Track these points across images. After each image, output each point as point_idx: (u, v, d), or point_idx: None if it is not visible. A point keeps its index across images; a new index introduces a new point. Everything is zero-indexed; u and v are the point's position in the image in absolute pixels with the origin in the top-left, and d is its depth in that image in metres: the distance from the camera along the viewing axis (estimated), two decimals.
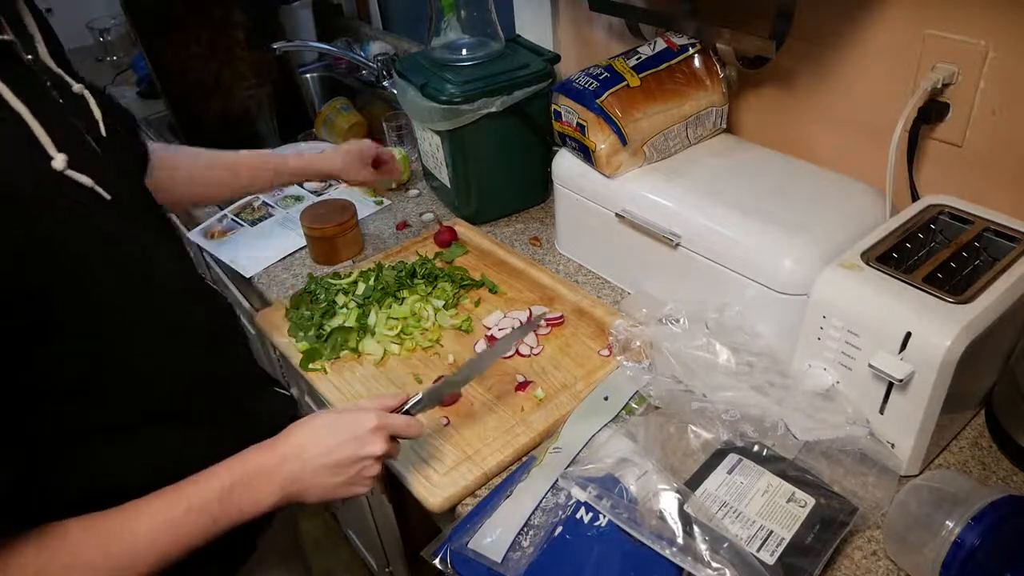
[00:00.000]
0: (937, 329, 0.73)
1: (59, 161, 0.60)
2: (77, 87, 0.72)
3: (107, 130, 0.73)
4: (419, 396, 0.80)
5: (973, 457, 0.85)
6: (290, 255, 1.32)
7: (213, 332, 0.81)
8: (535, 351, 1.03)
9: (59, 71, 0.71)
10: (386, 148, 1.25)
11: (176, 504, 0.66)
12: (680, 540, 0.71)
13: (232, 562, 0.82)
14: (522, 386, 0.97)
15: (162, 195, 0.94)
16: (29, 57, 0.66)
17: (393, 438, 0.77)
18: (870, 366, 0.77)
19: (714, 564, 0.68)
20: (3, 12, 0.65)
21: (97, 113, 0.73)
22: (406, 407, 0.80)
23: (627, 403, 0.91)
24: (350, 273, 1.19)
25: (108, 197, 0.65)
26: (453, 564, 0.75)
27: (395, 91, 1.53)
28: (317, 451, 0.72)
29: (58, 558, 0.59)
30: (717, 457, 0.81)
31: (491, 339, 1.05)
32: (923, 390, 0.75)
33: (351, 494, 0.75)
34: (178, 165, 1.03)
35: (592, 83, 1.06)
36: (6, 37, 0.63)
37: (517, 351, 1.03)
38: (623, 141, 1.04)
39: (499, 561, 0.74)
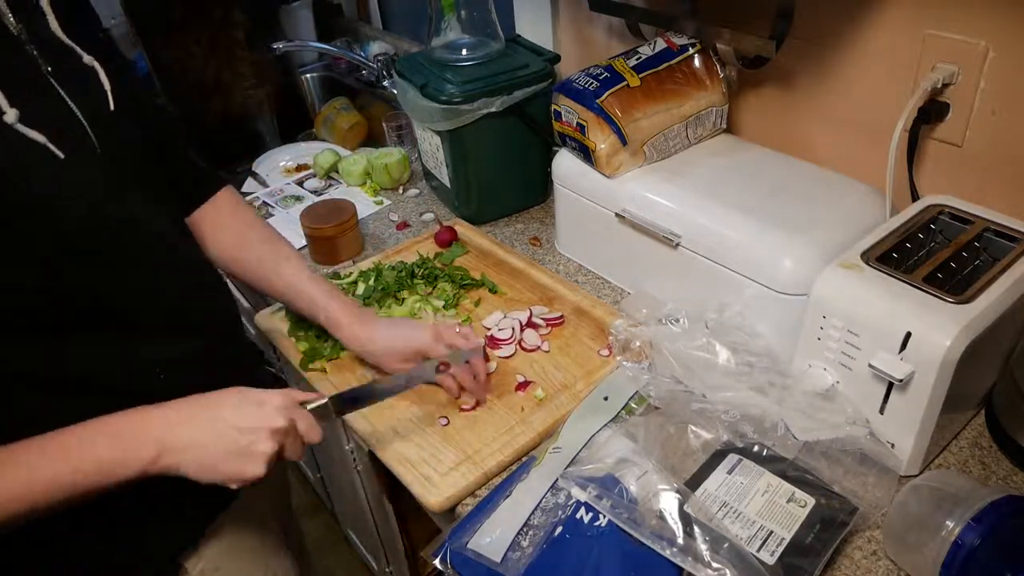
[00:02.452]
0: (937, 329, 0.73)
1: (10, 115, 0.63)
2: (88, 59, 0.74)
3: (116, 103, 0.75)
4: (324, 401, 0.78)
5: (973, 457, 0.85)
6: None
7: (192, 305, 0.81)
8: (543, 348, 1.03)
9: (69, 43, 0.73)
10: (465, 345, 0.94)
11: (40, 449, 0.63)
12: (680, 540, 0.71)
13: (208, 510, 0.83)
14: (522, 386, 0.97)
15: (205, 241, 0.94)
16: (19, 26, 0.68)
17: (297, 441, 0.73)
18: (870, 366, 0.76)
19: (714, 564, 0.68)
20: None
21: (107, 85, 0.75)
22: (311, 406, 0.77)
23: (627, 403, 0.91)
24: (350, 273, 1.19)
25: (61, 155, 0.66)
26: (453, 564, 0.75)
27: (395, 91, 1.53)
28: (209, 412, 0.68)
29: None
30: (717, 457, 0.81)
31: (491, 340, 1.05)
32: (923, 390, 0.75)
33: (239, 471, 0.67)
34: (244, 240, 0.96)
35: (592, 83, 1.06)
36: None
37: (521, 346, 1.03)
38: (623, 141, 1.04)
39: (498, 561, 0.74)
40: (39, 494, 0.62)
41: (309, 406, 0.77)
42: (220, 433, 0.67)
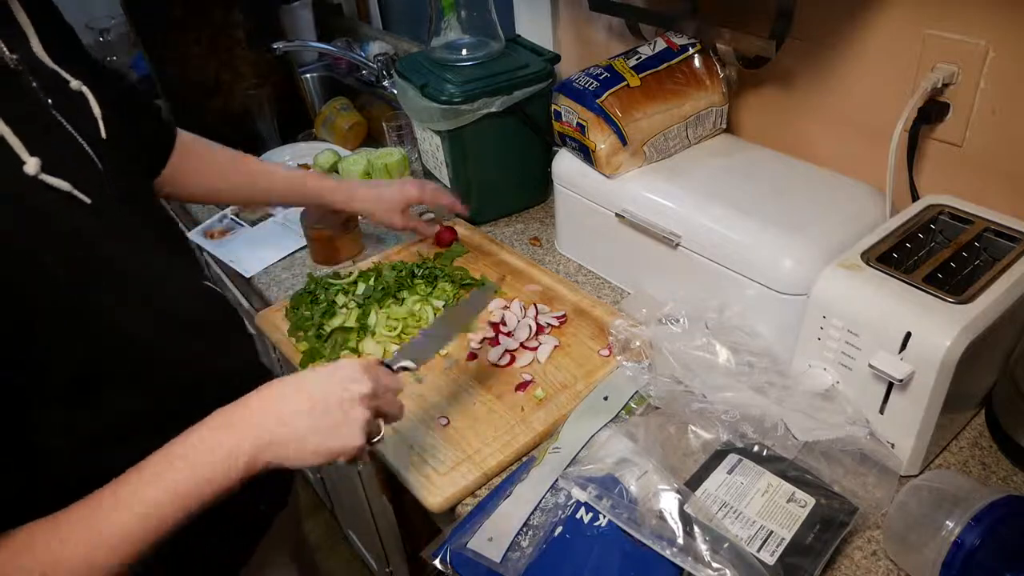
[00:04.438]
0: (937, 329, 0.73)
1: (31, 166, 0.59)
2: (75, 84, 0.70)
3: (108, 129, 0.71)
4: (400, 352, 0.77)
5: (973, 457, 0.85)
6: (290, 255, 1.32)
7: (213, 329, 0.80)
8: (553, 344, 1.04)
9: (55, 67, 0.69)
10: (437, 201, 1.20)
11: (135, 479, 0.59)
12: (680, 540, 0.71)
13: (229, 566, 0.81)
14: (522, 386, 0.97)
15: (181, 184, 0.99)
16: (15, 57, 0.64)
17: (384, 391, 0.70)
18: (870, 366, 0.76)
19: (714, 564, 0.68)
20: None
21: (97, 111, 0.71)
22: (390, 362, 0.75)
23: (627, 403, 0.91)
24: (350, 273, 1.19)
25: (88, 201, 0.63)
26: (453, 564, 0.75)
27: (395, 91, 1.53)
28: (291, 394, 0.64)
29: (22, 561, 0.55)
30: (717, 457, 0.81)
31: (496, 327, 1.06)
32: (923, 390, 0.75)
33: (340, 446, 0.64)
34: (210, 158, 1.04)
35: (592, 83, 1.06)
36: None
37: (523, 344, 1.03)
38: (623, 141, 1.04)
39: (498, 561, 0.74)
40: (156, 527, 0.58)
41: (387, 362, 0.74)
42: (316, 414, 0.63)
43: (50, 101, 0.66)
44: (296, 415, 0.63)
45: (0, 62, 0.63)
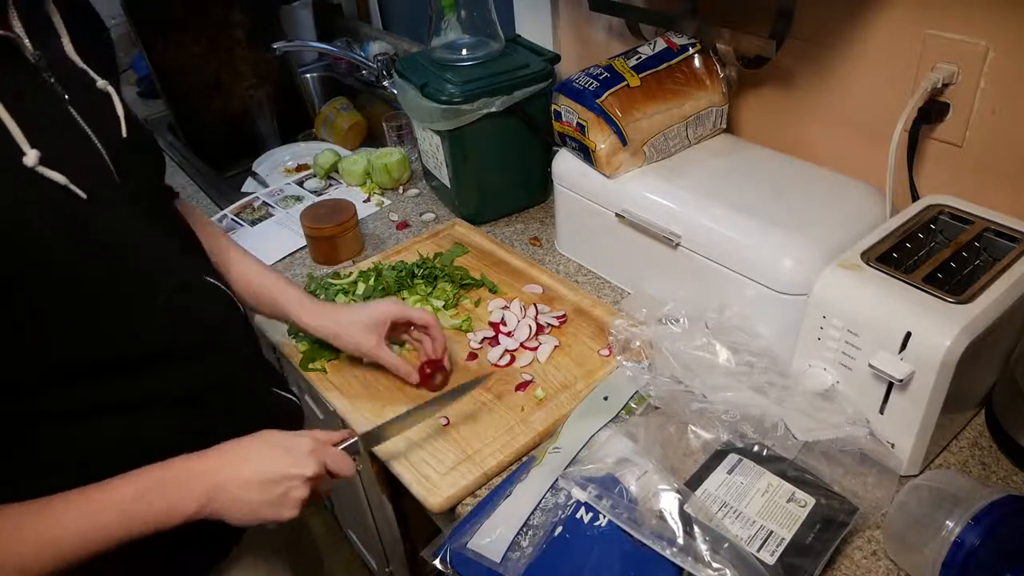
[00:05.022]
0: (937, 329, 0.73)
1: (30, 157, 0.60)
2: (101, 83, 0.73)
3: (129, 129, 0.74)
4: (355, 440, 0.80)
5: (973, 457, 0.85)
6: (290, 255, 1.32)
7: (216, 325, 0.81)
8: (553, 344, 1.03)
9: (83, 67, 0.71)
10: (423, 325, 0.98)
11: (95, 497, 0.65)
12: (680, 540, 0.71)
13: (213, 553, 0.82)
14: (522, 386, 0.97)
15: None
16: (37, 53, 0.66)
17: (329, 474, 0.75)
18: (870, 366, 0.76)
19: (714, 564, 0.68)
20: (29, 8, 0.66)
21: (120, 111, 0.74)
22: (342, 445, 0.79)
23: (627, 403, 0.91)
24: (350, 273, 1.19)
25: (83, 195, 0.64)
26: (453, 564, 0.75)
27: (395, 91, 1.53)
28: (247, 464, 0.70)
29: None
30: (717, 457, 0.81)
31: (496, 327, 1.06)
32: (923, 390, 0.75)
33: (275, 516, 0.71)
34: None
35: (592, 83, 1.06)
36: (4, 33, 0.63)
37: (523, 344, 1.04)
38: (623, 141, 1.04)
39: (498, 561, 0.74)
40: (92, 543, 0.64)
41: (340, 446, 0.79)
42: (261, 489, 0.70)
43: (67, 97, 0.68)
44: (247, 484, 0.69)
45: (20, 56, 0.65)
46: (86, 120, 0.68)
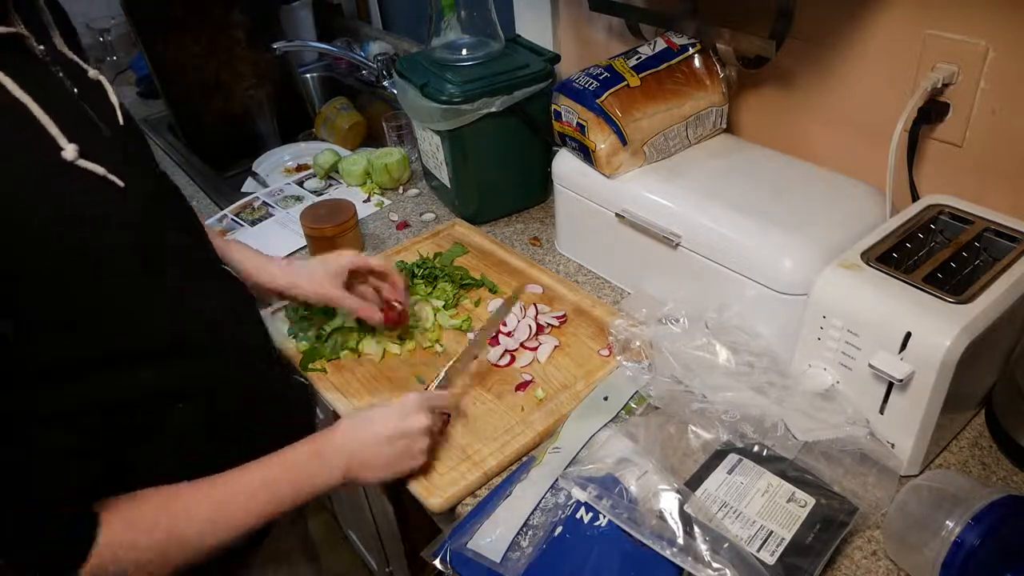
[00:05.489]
0: (937, 329, 0.73)
1: (70, 151, 0.61)
2: (93, 73, 0.73)
3: (124, 118, 0.75)
4: (443, 375, 0.92)
5: (973, 457, 0.85)
6: (290, 255, 1.33)
7: (232, 315, 0.82)
8: (553, 344, 1.03)
9: (74, 58, 0.72)
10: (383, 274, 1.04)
11: (264, 469, 0.74)
12: (680, 540, 0.71)
13: (235, 562, 0.82)
14: (522, 386, 0.97)
15: None
16: (41, 48, 0.66)
17: (437, 416, 0.86)
18: (870, 366, 0.76)
19: (714, 564, 0.68)
20: (19, 4, 0.66)
21: (115, 99, 0.74)
22: (434, 383, 0.91)
23: (627, 403, 0.91)
24: None
25: (121, 184, 0.65)
26: (453, 564, 0.75)
27: (395, 91, 1.53)
28: (369, 429, 0.80)
29: (144, 538, 0.65)
30: (717, 457, 0.81)
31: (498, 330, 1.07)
32: (923, 390, 0.75)
33: (407, 467, 0.82)
34: None
35: (592, 83, 1.06)
36: (13, 29, 0.63)
37: (523, 344, 1.04)
38: (623, 141, 1.04)
39: (498, 561, 0.74)
40: (253, 518, 0.72)
41: (433, 385, 0.90)
42: (388, 444, 0.80)
43: (76, 91, 0.68)
44: (376, 445, 0.80)
45: (30, 53, 0.65)
46: (94, 111, 0.69)
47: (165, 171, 0.91)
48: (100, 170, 0.63)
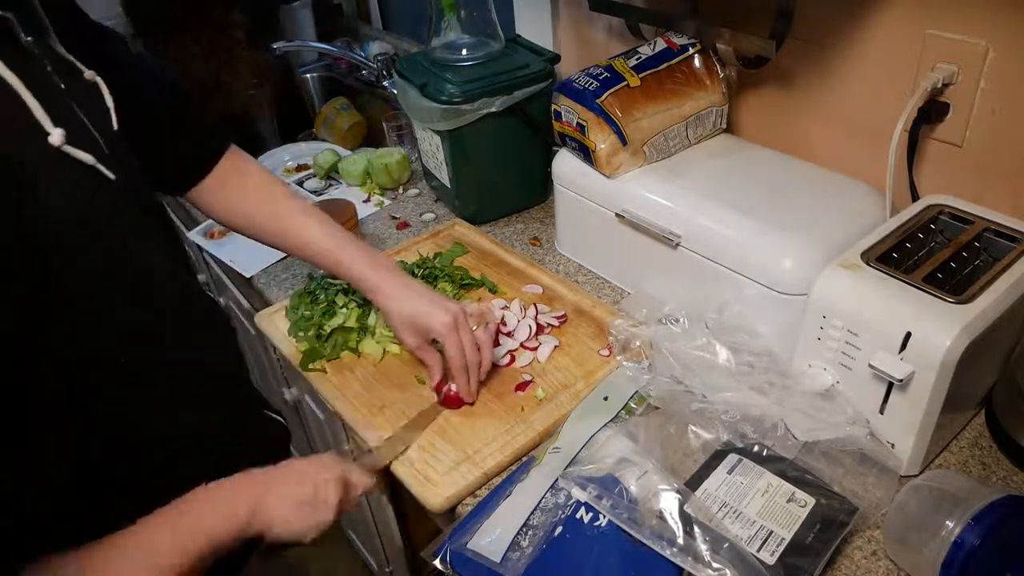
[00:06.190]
0: (937, 329, 0.73)
1: (56, 136, 0.59)
2: (89, 74, 0.71)
3: (119, 122, 0.72)
4: (368, 452, 0.86)
5: (973, 457, 0.85)
6: (290, 255, 1.32)
7: (205, 349, 0.79)
8: (553, 344, 1.03)
9: (69, 57, 0.70)
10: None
11: (155, 528, 0.65)
12: (680, 540, 0.71)
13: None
14: (522, 386, 0.97)
15: (207, 205, 0.93)
16: (29, 39, 0.64)
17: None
18: (870, 366, 0.76)
19: (714, 564, 0.68)
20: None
21: (110, 103, 0.72)
22: (358, 460, 0.84)
23: (627, 403, 0.91)
24: None
25: (112, 177, 0.63)
26: (453, 564, 0.75)
27: (395, 91, 1.53)
28: (280, 477, 0.74)
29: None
30: (717, 457, 0.81)
31: (496, 327, 1.06)
32: (923, 390, 0.75)
33: (314, 521, 0.74)
34: (244, 195, 0.94)
35: (592, 83, 1.06)
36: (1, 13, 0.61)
37: (523, 344, 1.03)
38: (623, 141, 1.04)
39: (498, 561, 0.74)
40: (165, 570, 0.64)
41: (357, 460, 0.83)
42: (297, 491, 0.73)
43: (63, 87, 0.66)
44: (286, 491, 0.73)
45: (16, 42, 0.63)
46: (83, 111, 0.67)
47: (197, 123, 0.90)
48: (89, 158, 0.61)
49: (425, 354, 0.93)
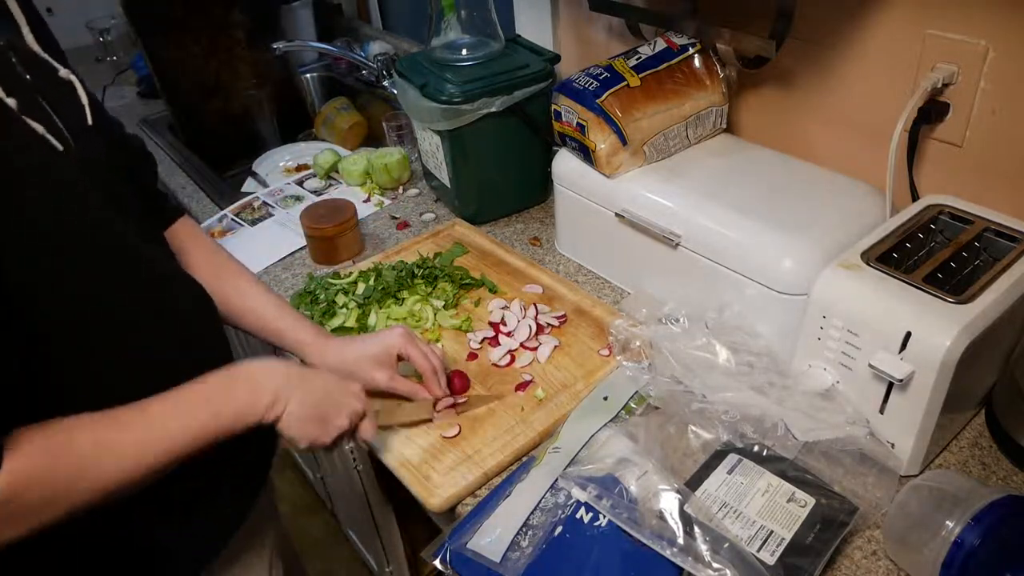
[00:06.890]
0: (937, 329, 0.73)
1: (11, 102, 0.61)
2: (64, 72, 0.72)
3: (93, 118, 0.73)
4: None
5: (973, 457, 0.85)
6: (290, 255, 1.32)
7: (183, 324, 0.78)
8: (553, 344, 1.03)
9: (44, 55, 0.71)
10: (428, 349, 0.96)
11: (180, 395, 0.68)
12: (680, 540, 0.71)
13: (199, 559, 0.81)
14: (522, 386, 0.97)
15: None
16: (1, 43, 0.66)
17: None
18: (870, 366, 0.76)
19: (715, 564, 0.68)
20: None
21: (84, 99, 0.73)
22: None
23: (627, 403, 0.91)
24: (350, 273, 1.19)
25: (60, 147, 0.64)
26: (453, 564, 0.75)
27: (395, 91, 1.53)
28: (312, 387, 0.78)
29: (64, 458, 0.60)
30: (717, 457, 0.81)
31: (496, 327, 1.07)
32: (923, 390, 0.75)
33: (314, 435, 0.78)
34: (196, 269, 0.89)
35: (592, 83, 1.06)
36: None
37: (523, 344, 1.03)
38: (623, 141, 1.04)
39: (498, 561, 0.74)
40: (189, 441, 0.67)
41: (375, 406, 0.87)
42: (316, 395, 0.78)
43: (29, 79, 0.67)
44: (311, 400, 0.77)
45: None
46: (48, 103, 0.68)
47: (152, 185, 0.90)
48: (39, 128, 0.63)
49: (399, 383, 0.94)
